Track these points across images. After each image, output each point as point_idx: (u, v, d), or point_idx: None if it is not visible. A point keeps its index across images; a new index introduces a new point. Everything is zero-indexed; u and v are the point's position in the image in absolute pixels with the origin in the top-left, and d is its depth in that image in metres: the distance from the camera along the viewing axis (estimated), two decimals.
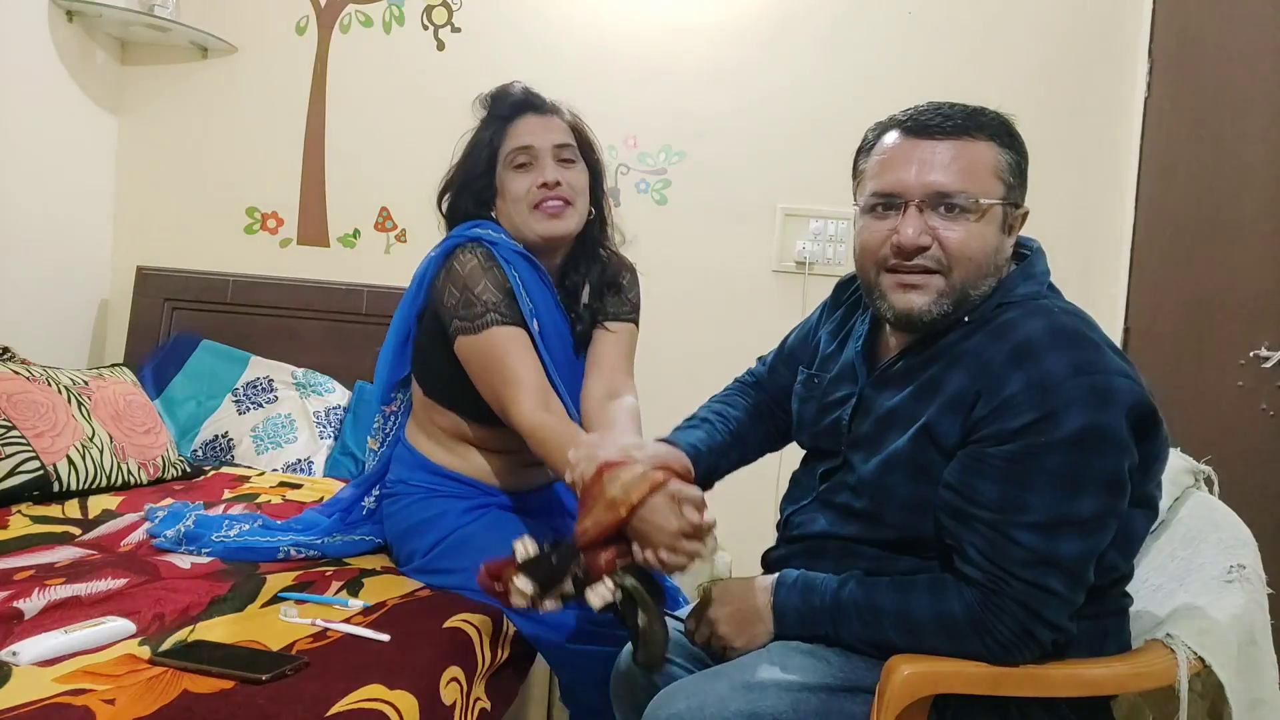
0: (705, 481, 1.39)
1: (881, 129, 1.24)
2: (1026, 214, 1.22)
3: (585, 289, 1.71)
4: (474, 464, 1.69)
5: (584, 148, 1.69)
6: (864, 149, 1.27)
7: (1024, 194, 1.21)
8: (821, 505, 1.30)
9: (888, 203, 1.18)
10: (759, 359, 1.61)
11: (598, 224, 1.73)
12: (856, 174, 1.28)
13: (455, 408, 1.67)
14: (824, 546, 1.28)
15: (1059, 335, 1.09)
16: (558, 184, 1.60)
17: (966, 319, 1.18)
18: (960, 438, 1.13)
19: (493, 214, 1.67)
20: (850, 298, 1.42)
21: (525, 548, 1.23)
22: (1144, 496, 1.16)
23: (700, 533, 1.21)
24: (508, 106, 1.66)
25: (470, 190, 1.67)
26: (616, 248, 1.79)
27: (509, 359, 1.52)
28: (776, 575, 1.26)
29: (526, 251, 1.63)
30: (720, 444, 1.42)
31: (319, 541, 1.72)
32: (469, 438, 1.69)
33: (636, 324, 1.77)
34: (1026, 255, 1.24)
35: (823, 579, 1.22)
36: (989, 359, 1.11)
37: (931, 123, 1.17)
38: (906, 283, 1.17)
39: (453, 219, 1.70)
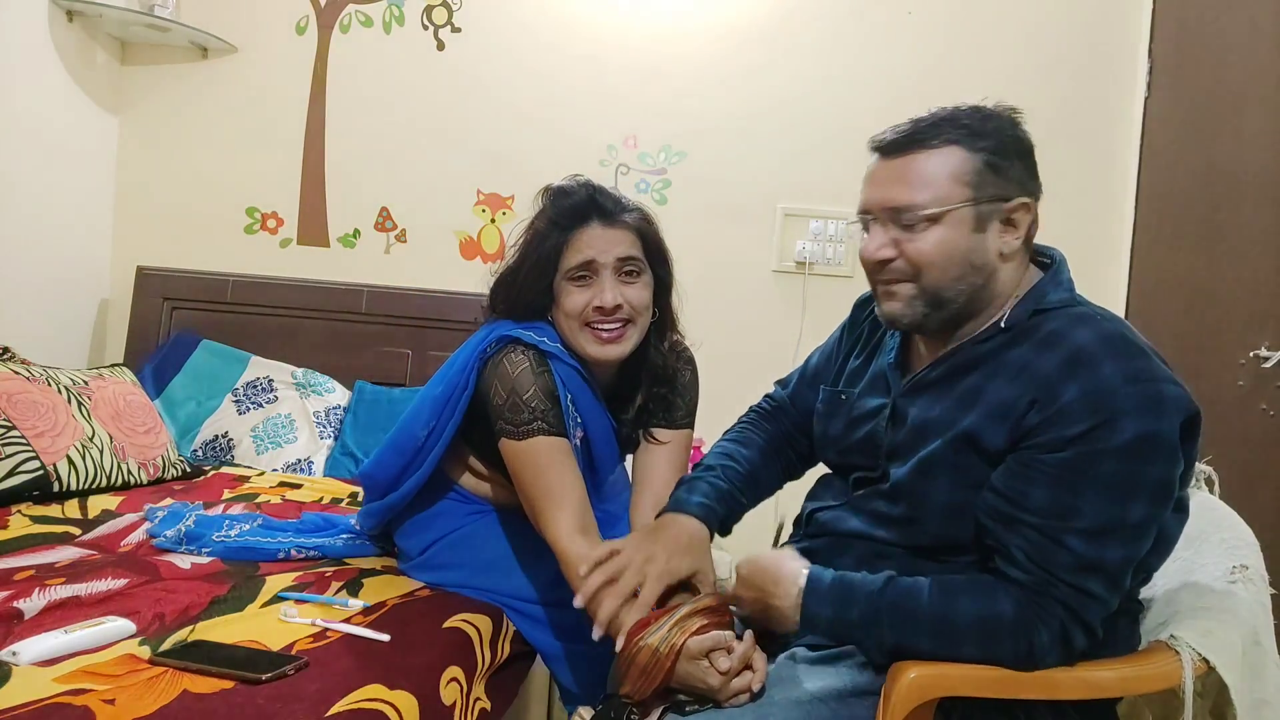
0: (723, 528, 1.40)
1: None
2: (1026, 204, 1.18)
3: (637, 399, 1.62)
4: (483, 491, 1.68)
5: (651, 255, 1.55)
6: None
7: (1013, 186, 1.18)
8: (854, 510, 1.30)
9: (863, 220, 1.24)
10: (777, 383, 1.59)
11: (658, 329, 1.59)
12: None
13: (491, 466, 1.64)
14: (850, 544, 1.28)
15: (1110, 343, 1.10)
16: (617, 307, 1.48)
17: (1004, 325, 1.18)
18: (1006, 444, 1.13)
19: (549, 318, 1.56)
20: (870, 315, 1.43)
21: (582, 715, 1.31)
22: (1179, 500, 1.16)
23: (742, 665, 1.19)
24: (570, 213, 1.50)
25: (526, 296, 1.54)
26: (679, 344, 1.66)
27: (551, 471, 1.45)
28: (806, 575, 1.20)
29: (579, 364, 1.53)
30: (729, 490, 1.41)
31: (320, 542, 1.72)
32: (489, 478, 1.67)
33: (691, 426, 1.67)
34: (1045, 263, 1.24)
35: (859, 585, 1.18)
36: (1041, 368, 1.12)
37: (887, 139, 1.21)
38: (884, 291, 1.23)
39: (507, 315, 1.57)
